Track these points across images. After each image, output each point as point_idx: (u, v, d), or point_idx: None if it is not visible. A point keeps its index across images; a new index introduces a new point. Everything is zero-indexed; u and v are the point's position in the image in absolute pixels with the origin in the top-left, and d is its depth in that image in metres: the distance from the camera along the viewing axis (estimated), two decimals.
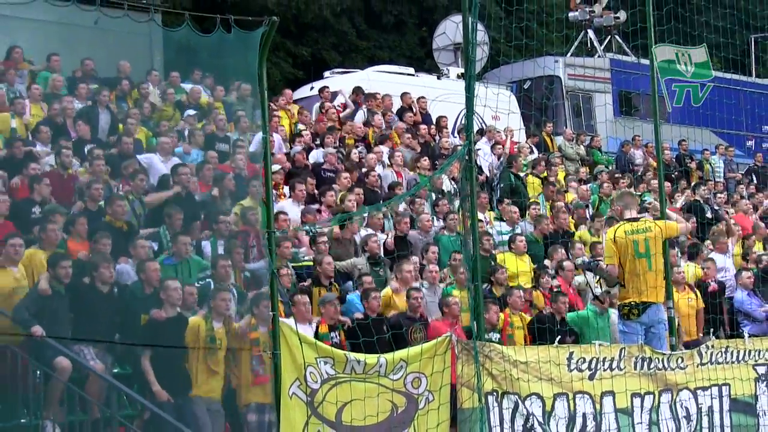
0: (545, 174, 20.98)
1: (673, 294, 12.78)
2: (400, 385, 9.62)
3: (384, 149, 19.56)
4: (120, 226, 13.51)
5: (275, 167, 16.03)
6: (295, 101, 22.38)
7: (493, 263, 15.28)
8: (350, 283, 14.37)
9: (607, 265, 12.19)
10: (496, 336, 13.27)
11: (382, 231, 16.10)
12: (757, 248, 19.85)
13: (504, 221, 17.70)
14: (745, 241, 19.71)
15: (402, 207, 16.80)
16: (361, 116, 21.34)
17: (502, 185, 19.70)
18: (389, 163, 19.09)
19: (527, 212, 18.31)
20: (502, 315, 13.83)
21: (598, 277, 14.38)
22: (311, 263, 14.21)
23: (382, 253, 15.45)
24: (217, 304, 11.85)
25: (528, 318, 14.25)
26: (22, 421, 11.13)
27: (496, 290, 14.79)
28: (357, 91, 22.21)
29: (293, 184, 16.39)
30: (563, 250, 16.62)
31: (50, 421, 11.10)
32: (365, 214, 15.78)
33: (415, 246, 15.68)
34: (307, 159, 18.41)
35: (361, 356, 9.75)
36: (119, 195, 14.01)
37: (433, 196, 17.85)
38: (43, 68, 17.49)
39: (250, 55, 10.67)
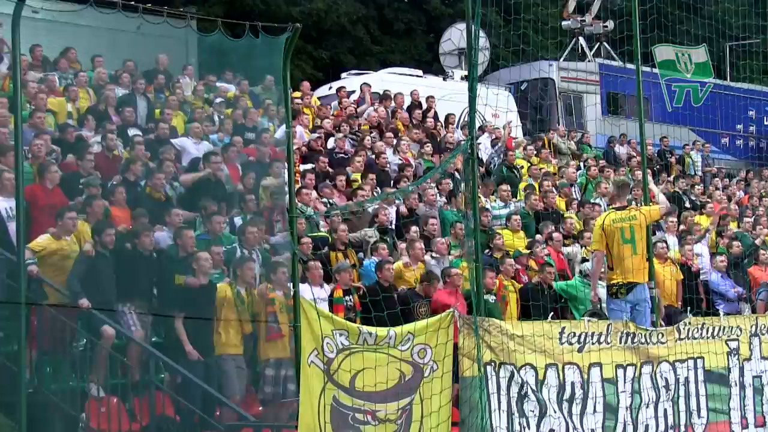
0: (535, 159, 21.09)
1: (655, 269, 12.75)
2: (408, 356, 9.60)
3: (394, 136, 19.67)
4: (158, 197, 13.62)
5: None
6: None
7: (491, 232, 15.49)
8: (362, 252, 14.47)
9: (594, 250, 12.19)
10: (491, 297, 13.53)
11: (390, 205, 16.25)
12: (732, 226, 19.85)
13: (497, 200, 17.85)
14: (721, 221, 19.72)
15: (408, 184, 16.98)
16: (371, 111, 21.35)
17: (495, 177, 19.73)
18: (397, 150, 19.17)
19: (520, 192, 18.45)
20: (496, 281, 14.06)
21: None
22: (327, 234, 14.25)
23: (392, 225, 15.65)
24: (243, 272, 12.02)
25: (519, 285, 14.58)
26: (70, 383, 11.18)
27: (495, 255, 15.17)
28: (364, 87, 22.20)
29: (304, 172, 16.40)
30: (553, 226, 16.88)
31: (95, 384, 11.14)
32: (378, 201, 15.82)
33: (423, 216, 15.89)
34: (325, 145, 18.46)
35: (372, 329, 9.74)
36: (158, 169, 14.10)
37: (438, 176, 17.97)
38: (90, 68, 17.55)
39: (276, 57, 10.64)
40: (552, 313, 13.61)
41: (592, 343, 10.69)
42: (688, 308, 14.83)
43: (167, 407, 11.24)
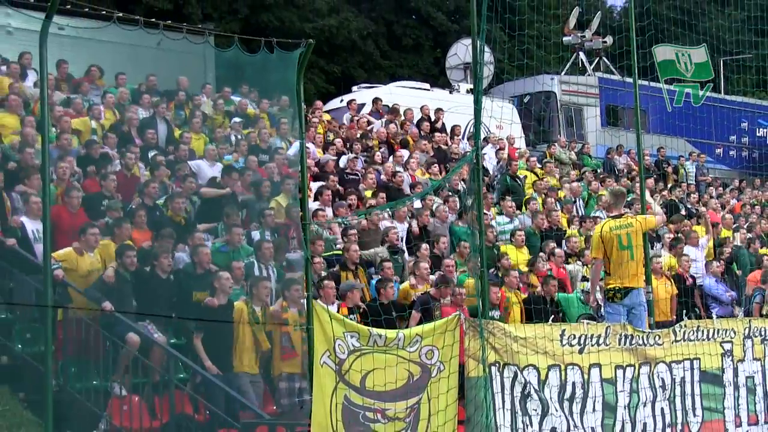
0: (540, 172, 21.03)
1: (652, 280, 12.75)
2: (416, 357, 9.60)
3: (404, 153, 19.61)
4: (179, 220, 13.61)
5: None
6: (327, 112, 22.42)
7: (497, 252, 15.38)
8: (372, 269, 14.44)
9: (593, 258, 12.18)
10: (496, 313, 13.53)
11: (406, 221, 16.21)
12: (725, 234, 19.81)
13: (502, 214, 17.76)
14: (714, 229, 19.72)
15: (418, 204, 16.90)
16: (380, 125, 21.35)
17: (499, 186, 19.72)
18: (406, 168, 19.15)
19: (526, 208, 18.37)
20: (499, 292, 14.04)
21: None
22: (340, 252, 14.26)
23: (402, 243, 15.61)
24: (259, 291, 11.98)
25: (523, 296, 14.52)
26: (94, 382, 11.22)
27: (500, 273, 15.01)
28: (377, 101, 22.21)
29: (320, 189, 16.38)
30: (554, 243, 16.81)
31: (117, 383, 11.17)
32: (388, 209, 15.83)
33: (434, 233, 15.80)
34: (337, 165, 18.41)
35: (382, 331, 9.74)
36: (178, 193, 14.11)
37: (448, 192, 17.92)
38: (113, 85, 17.62)
39: (290, 71, 10.68)
40: (552, 316, 13.62)
41: (592, 345, 10.68)
42: (684, 311, 14.81)
43: (186, 406, 11.27)
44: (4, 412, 10.96)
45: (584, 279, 15.62)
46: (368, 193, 16.96)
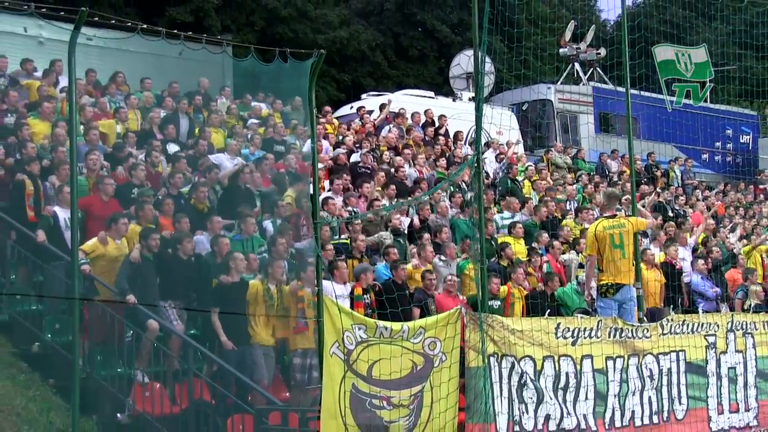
0: (536, 178, 21.02)
1: (642, 273, 12.72)
2: (419, 347, 9.59)
3: (410, 152, 19.65)
4: (201, 208, 13.66)
5: (320, 165, 16.18)
6: (337, 118, 22.44)
7: (494, 244, 15.50)
8: (377, 256, 14.48)
9: (588, 255, 12.16)
10: (497, 303, 13.56)
11: (407, 215, 16.21)
12: (703, 235, 19.78)
13: (502, 212, 17.77)
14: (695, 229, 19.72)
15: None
16: (387, 130, 21.33)
17: (500, 188, 19.70)
18: (413, 164, 19.16)
19: (524, 207, 18.38)
20: (505, 287, 14.10)
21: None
22: (347, 241, 14.27)
23: (404, 229, 15.65)
24: (274, 271, 12.08)
25: (525, 292, 14.49)
26: (119, 370, 11.23)
27: (502, 262, 15.10)
28: (383, 107, 22.19)
29: (333, 179, 16.43)
30: (546, 234, 16.83)
31: (140, 371, 11.18)
32: (393, 210, 15.84)
33: (435, 226, 15.83)
34: (348, 160, 18.48)
35: (387, 324, 9.73)
36: (202, 182, 14.19)
37: (451, 188, 17.94)
38: (138, 90, 17.65)
39: (302, 80, 10.69)
40: (549, 310, 13.60)
41: (584, 338, 10.67)
42: (671, 306, 14.79)
43: (204, 392, 11.28)
44: (35, 396, 11.00)
45: (581, 266, 15.54)
46: (378, 189, 16.99)
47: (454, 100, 26.98)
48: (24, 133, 14.10)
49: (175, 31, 11.39)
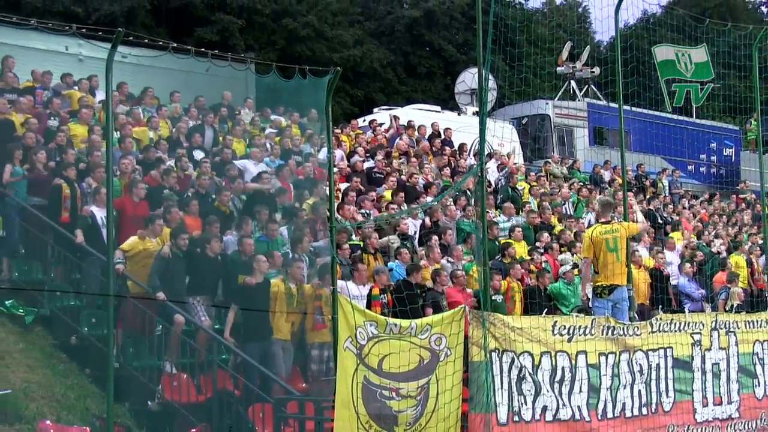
0: (534, 184, 21.03)
1: (633, 273, 12.69)
2: (426, 343, 9.57)
3: (417, 161, 19.66)
4: (224, 210, 13.68)
5: (335, 169, 16.23)
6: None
7: (497, 244, 15.67)
8: (386, 257, 14.49)
9: (584, 257, 12.10)
10: (499, 297, 13.72)
11: (416, 218, 16.25)
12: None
13: (503, 216, 17.79)
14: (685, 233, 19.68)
15: (429, 199, 17.01)
16: (399, 138, 21.34)
17: (502, 196, 19.69)
18: (420, 171, 19.19)
19: (522, 211, 18.41)
20: (505, 282, 14.23)
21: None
22: (360, 242, 14.28)
23: (412, 233, 15.68)
24: (294, 271, 12.09)
25: (523, 287, 14.67)
26: (149, 361, 11.25)
27: (505, 260, 15.22)
28: (395, 118, 22.22)
29: (346, 190, 16.41)
30: (547, 234, 17.04)
31: (168, 362, 11.20)
32: (404, 215, 15.87)
33: (443, 228, 15.93)
34: (363, 167, 18.52)
35: (397, 321, 9.72)
36: (225, 188, 14.21)
37: (456, 193, 17.99)
38: (167, 102, 17.72)
39: (320, 95, 10.71)
40: (546, 309, 13.62)
41: (579, 335, 10.64)
42: (660, 306, 14.74)
43: (227, 382, 11.28)
44: (73, 385, 11.05)
45: (575, 266, 15.53)
46: (388, 194, 16.98)
47: (459, 114, 26.96)
48: (64, 138, 14.24)
49: (203, 49, 11.44)
